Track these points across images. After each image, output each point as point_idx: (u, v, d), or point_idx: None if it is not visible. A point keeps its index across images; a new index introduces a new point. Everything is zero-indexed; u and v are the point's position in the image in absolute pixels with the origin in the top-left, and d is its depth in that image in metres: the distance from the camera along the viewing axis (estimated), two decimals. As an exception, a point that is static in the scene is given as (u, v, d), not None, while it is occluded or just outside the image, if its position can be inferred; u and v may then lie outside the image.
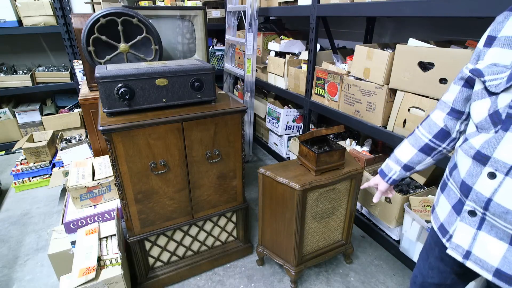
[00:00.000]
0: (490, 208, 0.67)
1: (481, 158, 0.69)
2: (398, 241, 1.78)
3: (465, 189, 0.73)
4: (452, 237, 0.77)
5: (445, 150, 0.92)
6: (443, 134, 0.88)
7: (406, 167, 0.97)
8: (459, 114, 0.84)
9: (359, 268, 1.78)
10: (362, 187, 1.23)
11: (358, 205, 2.05)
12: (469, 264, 0.74)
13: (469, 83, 0.79)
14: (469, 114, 0.83)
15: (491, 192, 0.66)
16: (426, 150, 0.92)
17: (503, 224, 0.66)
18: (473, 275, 0.89)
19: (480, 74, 0.70)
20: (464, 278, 0.91)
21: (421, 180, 1.81)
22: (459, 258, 0.76)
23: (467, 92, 0.80)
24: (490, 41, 0.71)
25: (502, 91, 0.65)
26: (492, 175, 0.66)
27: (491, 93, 0.68)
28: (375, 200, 1.10)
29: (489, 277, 0.71)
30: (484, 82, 0.69)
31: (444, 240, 0.82)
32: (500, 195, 0.65)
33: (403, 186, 1.81)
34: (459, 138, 0.89)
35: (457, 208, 0.78)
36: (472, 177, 0.71)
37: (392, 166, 1.01)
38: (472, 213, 0.71)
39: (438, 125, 0.89)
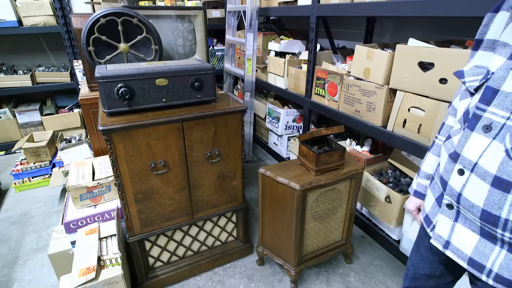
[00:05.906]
0: (461, 202, 0.71)
1: (454, 156, 0.73)
2: (398, 241, 1.78)
3: (443, 184, 0.78)
4: (435, 228, 0.82)
5: None
6: None
7: None
8: None
9: (359, 268, 1.78)
10: (417, 221, 1.05)
11: (358, 205, 2.05)
12: (448, 253, 0.79)
13: None
14: None
15: (460, 187, 0.71)
16: None
17: (472, 217, 0.70)
18: (459, 269, 0.91)
19: (461, 75, 0.74)
20: (451, 270, 0.94)
21: (421, 180, 1.81)
22: (440, 247, 0.81)
23: None
24: (477, 45, 0.75)
25: (476, 91, 0.70)
26: (461, 172, 0.71)
27: (471, 94, 0.73)
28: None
29: (464, 265, 0.75)
30: (464, 83, 0.73)
31: (428, 230, 0.87)
32: (468, 190, 0.69)
33: (403, 186, 1.81)
34: None
35: (439, 201, 0.83)
36: (447, 173, 0.76)
37: (424, 183, 1.00)
38: (450, 206, 0.77)
39: (455, 127, 0.89)
